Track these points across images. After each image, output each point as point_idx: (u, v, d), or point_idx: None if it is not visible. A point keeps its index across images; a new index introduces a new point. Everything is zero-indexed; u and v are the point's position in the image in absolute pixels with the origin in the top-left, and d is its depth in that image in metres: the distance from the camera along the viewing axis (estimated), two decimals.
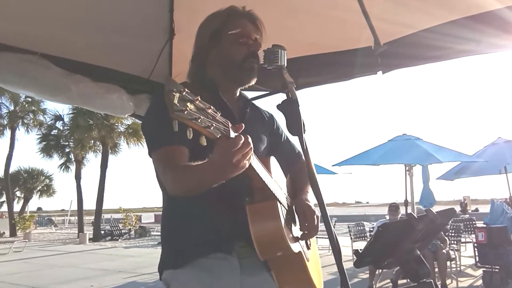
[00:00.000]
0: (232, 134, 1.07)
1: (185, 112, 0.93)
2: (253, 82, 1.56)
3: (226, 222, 1.41)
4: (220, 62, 1.54)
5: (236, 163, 1.11)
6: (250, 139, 1.12)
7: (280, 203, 1.39)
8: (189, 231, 1.46)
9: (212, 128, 1.00)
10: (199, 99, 0.97)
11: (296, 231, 1.51)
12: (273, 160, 1.50)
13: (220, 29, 1.54)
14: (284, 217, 1.40)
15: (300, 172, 1.67)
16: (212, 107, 1.01)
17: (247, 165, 1.15)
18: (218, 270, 1.41)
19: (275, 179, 1.43)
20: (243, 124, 1.12)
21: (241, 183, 1.27)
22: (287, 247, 1.34)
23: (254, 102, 1.72)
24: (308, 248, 1.61)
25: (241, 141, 1.08)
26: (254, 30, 1.56)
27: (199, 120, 0.96)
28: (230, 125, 1.07)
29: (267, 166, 1.39)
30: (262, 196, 1.34)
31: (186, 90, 0.96)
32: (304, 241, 1.56)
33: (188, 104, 0.95)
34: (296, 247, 1.42)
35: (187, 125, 0.96)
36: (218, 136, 1.03)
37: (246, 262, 1.45)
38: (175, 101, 0.92)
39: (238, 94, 1.64)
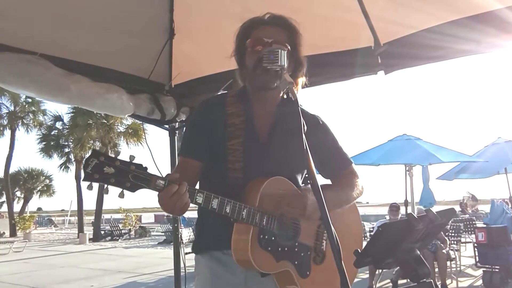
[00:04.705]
0: (160, 186, 1.28)
1: (97, 177, 1.20)
2: (273, 84, 1.52)
3: None
4: (245, 73, 1.64)
5: (168, 209, 1.34)
6: (182, 191, 1.30)
7: (261, 226, 1.49)
8: (211, 229, 1.66)
9: (129, 184, 1.24)
10: (119, 163, 1.23)
11: (293, 248, 1.58)
12: (276, 182, 1.55)
13: (240, 44, 1.65)
14: (266, 239, 1.51)
15: (338, 181, 1.76)
16: (135, 166, 1.25)
17: (179, 210, 1.35)
18: (228, 263, 1.57)
19: (274, 199, 1.52)
20: (178, 174, 1.33)
21: None
22: (256, 268, 1.48)
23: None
24: (317, 262, 1.65)
25: (168, 195, 1.29)
26: (269, 33, 1.59)
27: (111, 181, 1.22)
28: (154, 180, 1.28)
29: (255, 188, 1.50)
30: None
31: (104, 158, 1.21)
32: (309, 256, 1.63)
33: (106, 168, 1.21)
34: (277, 266, 1.53)
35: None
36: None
37: None
38: (88, 169, 1.20)
39: (278, 100, 1.66)
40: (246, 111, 1.64)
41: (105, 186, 1.24)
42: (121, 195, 1.27)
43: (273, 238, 1.53)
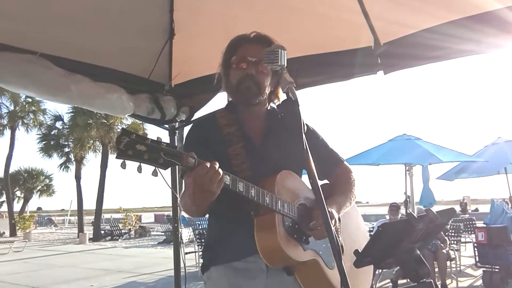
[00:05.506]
0: (191, 163, 1.29)
1: (130, 153, 1.20)
2: (256, 100, 1.67)
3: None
4: (230, 87, 1.71)
5: (202, 188, 1.31)
6: (216, 167, 1.31)
7: (285, 215, 1.51)
8: (227, 240, 1.64)
9: (162, 161, 1.24)
10: (150, 141, 1.23)
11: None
12: (288, 175, 1.60)
13: (226, 59, 1.71)
14: (290, 226, 1.52)
15: (336, 179, 1.83)
16: (165, 144, 1.25)
17: (216, 187, 1.32)
18: (248, 271, 1.58)
19: (289, 190, 1.56)
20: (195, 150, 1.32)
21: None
22: (287, 257, 1.46)
23: None
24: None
25: (205, 170, 1.29)
26: (253, 52, 1.63)
27: (145, 157, 1.21)
28: (185, 156, 1.28)
29: (270, 182, 1.52)
30: (264, 210, 1.48)
31: (135, 136, 1.21)
32: (330, 247, 1.62)
33: (138, 145, 1.21)
34: (305, 255, 1.53)
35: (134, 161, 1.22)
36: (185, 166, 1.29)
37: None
38: (121, 146, 1.19)
39: (264, 110, 1.76)
40: (238, 120, 1.72)
41: (139, 164, 1.23)
42: (155, 173, 1.27)
43: (296, 226, 1.55)
